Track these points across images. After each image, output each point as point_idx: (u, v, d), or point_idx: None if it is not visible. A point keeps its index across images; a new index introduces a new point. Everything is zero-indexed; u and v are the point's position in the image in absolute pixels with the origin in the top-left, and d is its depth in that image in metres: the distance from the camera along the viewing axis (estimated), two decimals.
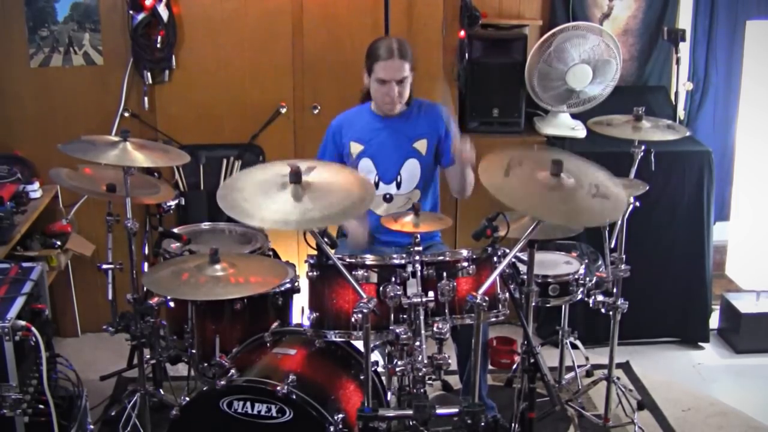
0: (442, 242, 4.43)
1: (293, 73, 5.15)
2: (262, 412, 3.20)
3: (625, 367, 5.02)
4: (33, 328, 3.34)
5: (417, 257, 3.37)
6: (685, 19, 5.70)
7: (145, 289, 3.93)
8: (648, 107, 4.31)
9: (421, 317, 3.27)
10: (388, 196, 4.20)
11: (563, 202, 3.23)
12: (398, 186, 4.31)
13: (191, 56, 5.08)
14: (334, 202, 3.08)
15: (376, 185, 4.29)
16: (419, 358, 3.21)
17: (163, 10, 4.91)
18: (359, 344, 3.43)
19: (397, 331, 3.26)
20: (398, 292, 3.30)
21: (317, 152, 4.38)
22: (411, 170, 4.30)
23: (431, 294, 3.33)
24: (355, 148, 4.29)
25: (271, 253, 4.33)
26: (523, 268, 3.85)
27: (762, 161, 5.20)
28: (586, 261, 4.23)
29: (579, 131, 5.26)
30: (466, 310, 3.40)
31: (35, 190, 4.85)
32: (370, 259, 3.41)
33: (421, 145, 4.28)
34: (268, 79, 5.15)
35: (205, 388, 3.38)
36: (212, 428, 3.27)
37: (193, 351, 3.88)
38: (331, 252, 3.21)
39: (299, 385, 3.23)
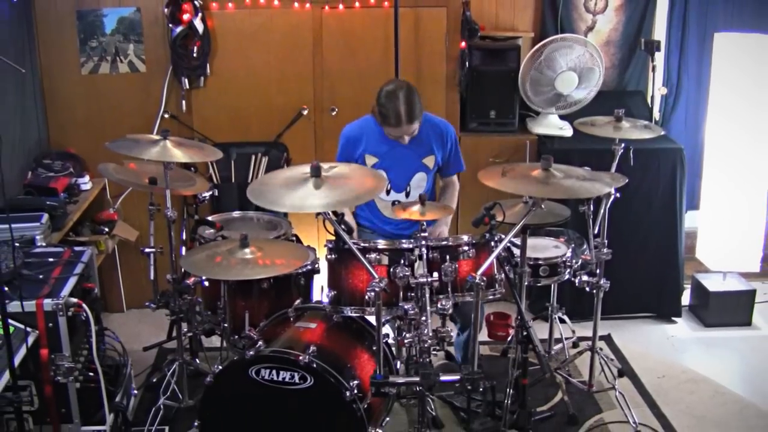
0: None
1: (313, 79, 5.12)
2: (286, 379, 3.18)
3: (607, 339, 4.98)
4: (84, 305, 3.35)
5: (423, 242, 3.36)
6: (660, 32, 5.67)
7: (182, 270, 3.94)
8: (627, 109, 4.31)
9: (427, 295, 3.29)
10: (396, 202, 4.18)
11: (558, 185, 3.29)
12: (407, 195, 4.29)
13: (223, 64, 5.06)
14: (350, 190, 3.12)
15: (388, 192, 4.27)
16: (425, 331, 3.23)
17: (199, 24, 4.89)
18: (372, 319, 3.42)
19: (406, 307, 3.28)
20: (407, 273, 3.31)
21: (336, 158, 4.31)
22: (418, 181, 4.29)
23: (436, 274, 3.34)
24: (370, 160, 4.24)
25: (294, 238, 4.32)
26: (516, 251, 3.83)
27: (728, 157, 5.16)
28: (573, 245, 4.20)
29: (566, 131, 5.22)
30: (466, 289, 3.42)
31: (86, 182, 4.85)
32: (381, 243, 3.42)
33: (429, 161, 4.27)
34: (292, 84, 5.12)
35: (235, 358, 3.37)
36: (242, 393, 3.26)
37: (225, 325, 3.88)
38: (348, 237, 3.20)
39: (319, 355, 3.22)
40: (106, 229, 4.90)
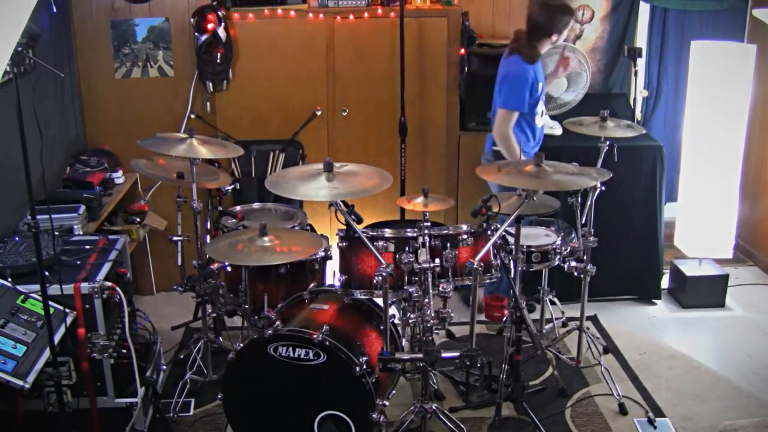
0: None
1: (326, 82, 5.09)
2: (302, 356, 3.17)
3: (593, 319, 4.95)
4: (117, 288, 3.34)
5: (426, 231, 3.35)
6: (641, 39, 5.65)
7: (207, 256, 3.92)
8: (612, 110, 4.30)
9: (429, 279, 3.28)
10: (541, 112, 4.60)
11: (549, 178, 3.32)
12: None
13: (244, 69, 5.03)
14: (358, 183, 3.15)
15: (541, 114, 4.62)
16: (428, 312, 3.23)
17: (222, 33, 4.86)
18: (380, 301, 3.41)
19: (410, 290, 3.26)
20: (411, 259, 3.29)
21: (512, 102, 4.43)
22: None
23: (438, 260, 3.33)
24: (540, 86, 4.51)
25: (308, 227, 4.29)
26: (511, 239, 3.81)
27: (703, 154, 5.12)
28: (562, 234, 4.17)
29: (556, 130, 5.18)
30: (465, 274, 3.40)
31: (119, 177, 4.83)
32: (388, 232, 3.40)
33: None
34: (306, 87, 5.08)
35: (255, 336, 3.36)
36: (261, 368, 3.25)
37: (246, 306, 3.87)
38: (357, 227, 3.20)
39: (331, 334, 3.21)
40: (138, 219, 4.90)
